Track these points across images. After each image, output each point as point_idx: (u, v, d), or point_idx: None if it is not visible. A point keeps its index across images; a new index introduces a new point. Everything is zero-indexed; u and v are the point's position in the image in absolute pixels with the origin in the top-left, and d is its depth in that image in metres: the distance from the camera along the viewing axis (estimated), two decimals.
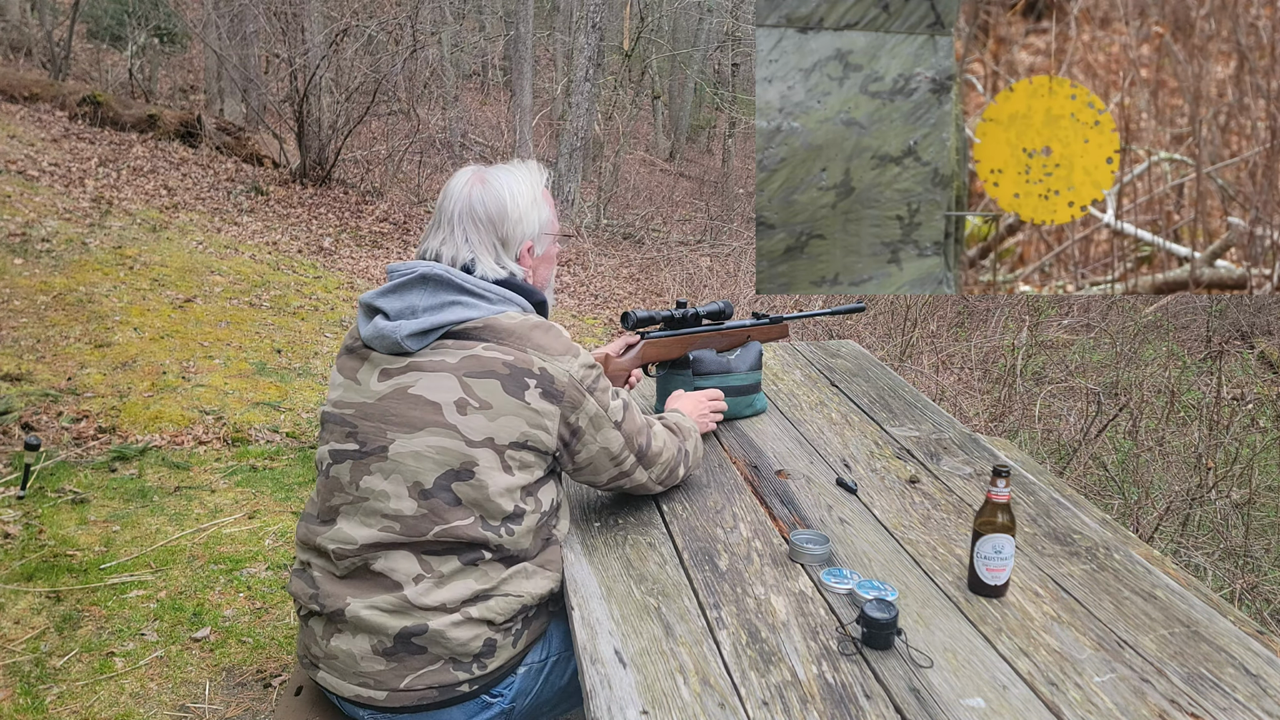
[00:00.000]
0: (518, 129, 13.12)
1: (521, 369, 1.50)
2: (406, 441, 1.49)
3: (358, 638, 1.49)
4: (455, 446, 1.48)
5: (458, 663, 1.49)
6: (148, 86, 12.10)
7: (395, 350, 1.53)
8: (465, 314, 1.52)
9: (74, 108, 9.53)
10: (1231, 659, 1.39)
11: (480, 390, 1.49)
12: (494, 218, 1.60)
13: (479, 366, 1.50)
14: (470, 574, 1.51)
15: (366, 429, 1.53)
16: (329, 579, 1.54)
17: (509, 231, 1.61)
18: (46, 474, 3.48)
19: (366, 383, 1.55)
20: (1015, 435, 5.00)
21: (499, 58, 20.06)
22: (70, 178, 7.70)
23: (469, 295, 1.54)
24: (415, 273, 1.53)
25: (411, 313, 1.52)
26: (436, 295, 1.53)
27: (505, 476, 1.50)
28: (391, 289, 1.55)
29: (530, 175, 1.67)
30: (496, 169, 1.65)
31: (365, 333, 1.56)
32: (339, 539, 1.52)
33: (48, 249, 5.97)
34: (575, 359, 1.56)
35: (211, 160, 9.47)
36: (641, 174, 16.19)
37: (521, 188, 1.64)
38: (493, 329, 1.53)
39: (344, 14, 9.75)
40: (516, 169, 1.66)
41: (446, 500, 1.48)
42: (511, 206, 1.61)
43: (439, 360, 1.51)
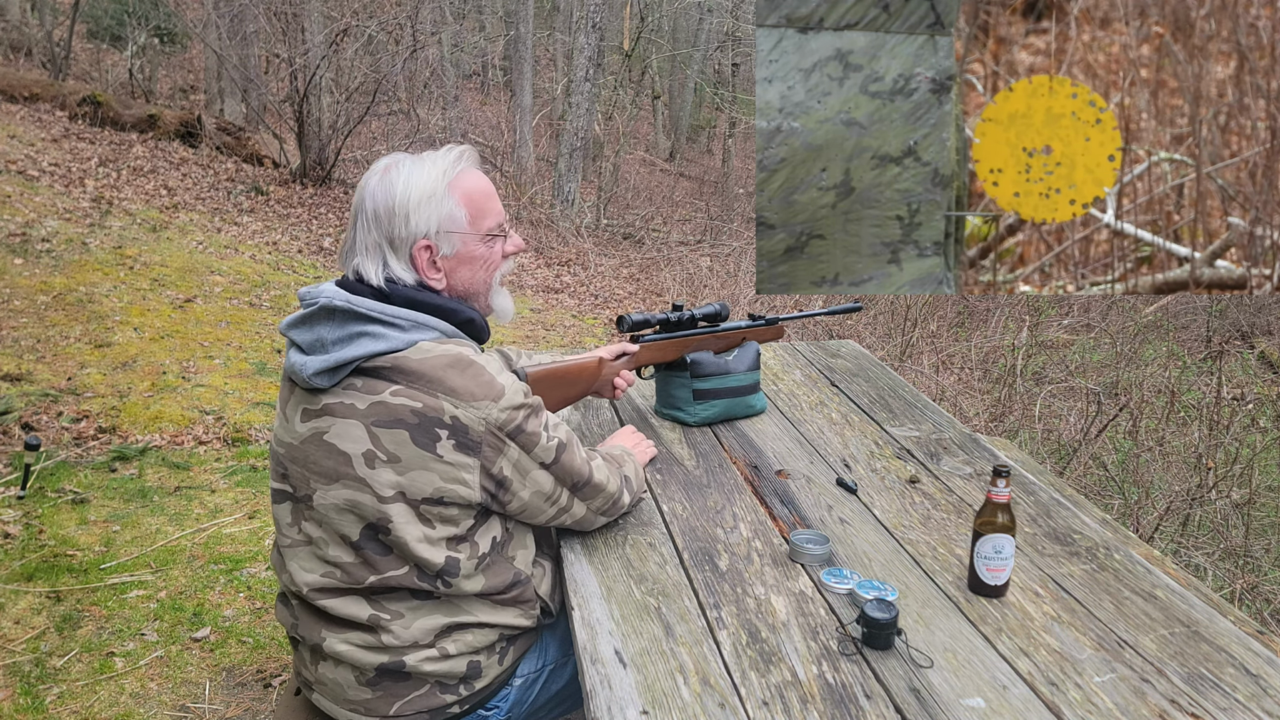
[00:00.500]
0: (518, 129, 13.12)
1: (432, 418, 1.36)
2: (325, 493, 1.42)
3: (339, 669, 1.48)
4: (368, 501, 1.39)
5: (445, 686, 1.48)
6: (148, 86, 12.10)
7: (309, 387, 1.42)
8: (374, 346, 1.37)
9: (74, 108, 9.53)
10: (1231, 659, 1.39)
11: (388, 442, 1.36)
12: (381, 214, 1.43)
13: (387, 415, 1.36)
14: (435, 608, 1.45)
15: (295, 473, 1.46)
16: (303, 610, 1.51)
17: (396, 230, 1.43)
18: (46, 474, 3.48)
19: (293, 421, 1.45)
20: (1015, 435, 4.99)
21: (499, 58, 20.07)
22: (70, 178, 7.70)
23: (377, 324, 1.39)
24: (317, 304, 1.40)
25: (321, 346, 1.40)
26: (343, 327, 1.39)
27: (424, 529, 1.41)
28: (300, 320, 1.43)
29: (439, 164, 1.46)
30: (413, 158, 1.48)
31: (286, 365, 1.46)
32: (289, 582, 1.50)
33: (48, 249, 5.97)
34: (495, 403, 1.38)
35: (211, 160, 9.47)
36: (641, 174, 16.19)
37: (419, 179, 1.43)
38: (402, 369, 1.37)
39: (344, 14, 9.75)
40: (429, 157, 1.47)
41: (376, 550, 1.42)
42: (401, 201, 1.42)
43: (349, 405, 1.39)
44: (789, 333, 6.93)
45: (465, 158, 1.49)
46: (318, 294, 1.42)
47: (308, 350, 1.41)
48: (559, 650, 1.62)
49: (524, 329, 6.51)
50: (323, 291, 1.42)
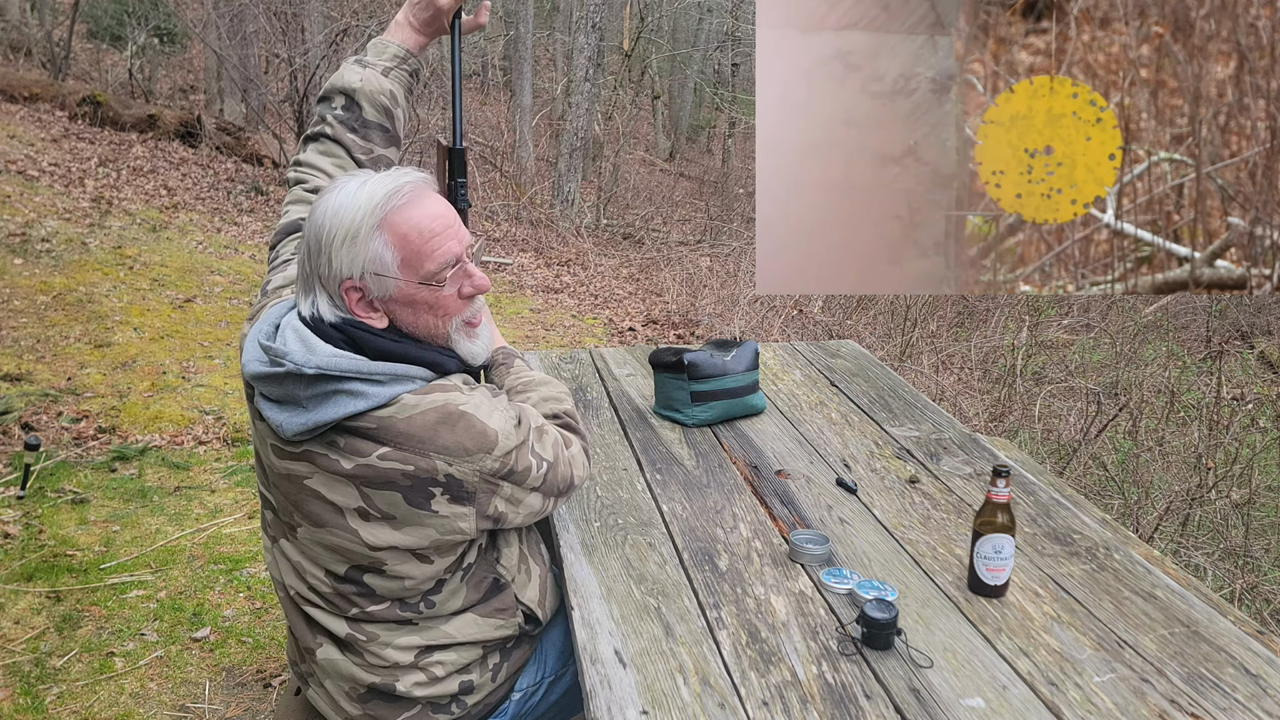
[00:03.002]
0: (518, 129, 13.12)
1: (425, 478, 1.29)
2: (312, 532, 1.36)
3: (328, 682, 1.48)
4: (360, 550, 1.35)
5: (437, 707, 1.47)
6: (148, 86, 12.10)
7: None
8: (354, 406, 1.26)
9: (74, 108, 9.53)
10: (1231, 659, 1.39)
11: (381, 502, 1.31)
12: (310, 243, 1.30)
13: (377, 476, 1.29)
14: (411, 630, 1.44)
15: (278, 499, 1.40)
16: (294, 609, 1.50)
17: (319, 266, 1.30)
18: (46, 474, 3.48)
19: (265, 450, 1.37)
20: (1015, 435, 5.00)
21: (499, 58, 20.07)
22: (70, 178, 7.70)
23: (355, 382, 1.27)
24: (284, 369, 1.27)
25: (295, 401, 1.28)
26: (315, 386, 1.27)
27: (421, 567, 1.38)
28: (268, 376, 1.29)
29: (374, 196, 1.29)
30: (356, 180, 1.32)
31: (252, 408, 1.37)
32: (276, 571, 1.48)
33: (48, 249, 5.97)
34: (489, 455, 1.32)
35: (211, 160, 9.47)
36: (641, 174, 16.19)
37: (346, 213, 1.29)
38: (389, 430, 1.28)
39: (344, 14, 9.75)
40: (369, 184, 1.31)
41: (358, 589, 1.39)
42: (327, 234, 1.29)
43: (334, 461, 1.29)
44: (788, 332, 6.93)
45: (406, 192, 1.31)
46: (282, 354, 1.27)
47: (279, 401, 1.30)
48: (558, 661, 1.61)
49: (524, 329, 6.51)
50: (288, 351, 1.27)
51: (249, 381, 1.35)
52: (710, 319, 7.10)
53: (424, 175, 1.36)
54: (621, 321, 7.15)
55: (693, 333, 6.79)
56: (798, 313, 7.38)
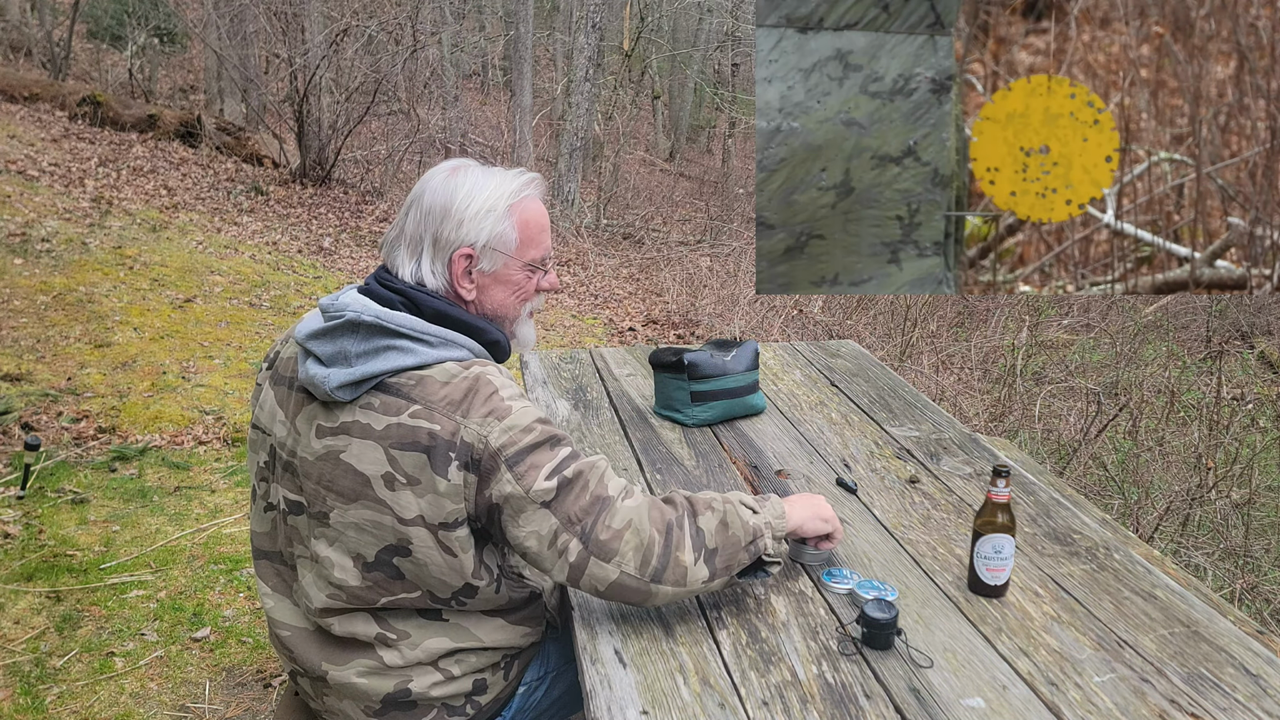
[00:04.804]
0: (518, 129, 13.12)
1: (446, 441, 1.31)
2: (344, 512, 1.37)
3: (344, 702, 1.47)
4: (389, 523, 1.35)
5: (451, 709, 1.47)
6: (148, 86, 12.10)
7: (329, 399, 1.37)
8: (400, 361, 1.34)
9: (74, 108, 9.54)
10: (1231, 659, 1.39)
11: (406, 464, 1.32)
12: (436, 211, 1.41)
13: (405, 437, 1.32)
14: (442, 630, 1.44)
15: (310, 488, 1.41)
16: (301, 639, 1.49)
17: (445, 231, 1.41)
18: (46, 474, 3.48)
19: (306, 436, 1.40)
20: (1015, 435, 5.00)
21: (499, 58, 20.07)
22: (70, 178, 7.70)
23: (405, 339, 1.35)
24: (343, 318, 1.35)
25: (344, 358, 1.35)
26: (369, 340, 1.34)
27: (446, 558, 1.37)
28: (323, 332, 1.38)
29: (508, 183, 1.46)
30: (483, 168, 1.47)
31: (302, 375, 1.40)
32: (302, 595, 1.47)
33: (48, 249, 5.97)
34: (499, 422, 1.32)
35: (211, 160, 9.47)
36: (641, 174, 16.19)
37: (484, 190, 1.43)
38: (424, 389, 1.34)
39: (344, 14, 9.75)
40: (498, 173, 1.47)
41: (389, 574, 1.38)
42: (460, 204, 1.41)
43: (366, 425, 1.34)
44: (788, 332, 6.93)
45: (534, 185, 1.48)
46: (343, 307, 1.36)
47: (328, 362, 1.35)
48: (560, 657, 1.61)
49: None
50: (348, 305, 1.36)
51: (303, 344, 1.39)
52: (710, 319, 7.10)
53: (539, 176, 1.51)
54: (621, 321, 7.15)
55: (693, 333, 6.79)
56: (798, 313, 7.38)
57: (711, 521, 1.40)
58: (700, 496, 1.44)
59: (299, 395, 1.43)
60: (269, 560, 1.53)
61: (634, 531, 1.34)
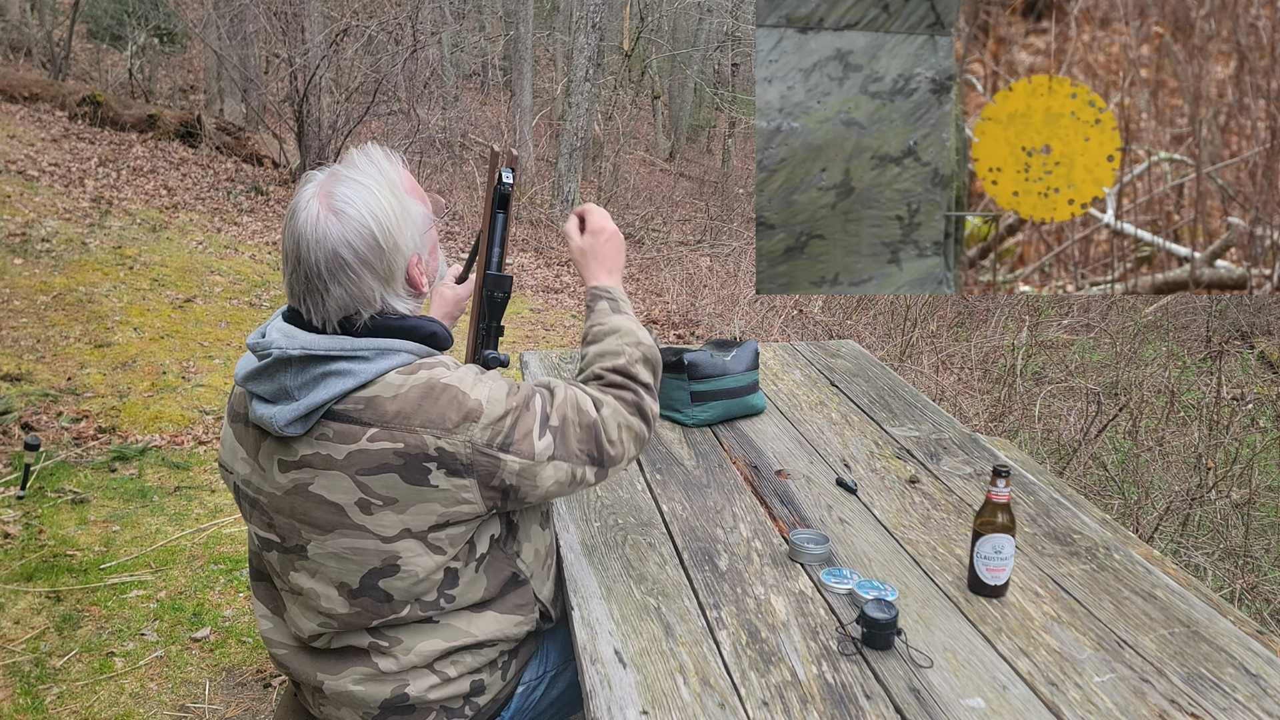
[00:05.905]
0: (518, 129, 13.12)
1: (416, 455, 1.29)
2: (321, 543, 1.35)
3: (343, 710, 1.47)
4: (371, 546, 1.33)
5: (450, 711, 1.47)
6: (148, 86, 12.10)
7: (281, 436, 1.33)
8: (343, 385, 1.29)
9: (74, 108, 9.53)
10: (1231, 659, 1.39)
11: (379, 487, 1.30)
12: (365, 257, 1.30)
13: (370, 462, 1.29)
14: (433, 630, 1.43)
15: (282, 523, 1.38)
16: (295, 656, 1.49)
17: (390, 262, 1.33)
18: (46, 474, 3.48)
19: (270, 471, 1.37)
20: (1015, 435, 5.00)
21: (499, 58, 20.06)
22: (70, 178, 7.70)
23: (339, 361, 1.29)
24: (271, 356, 1.30)
25: (286, 394, 1.30)
26: (304, 371, 1.29)
27: (433, 558, 1.36)
28: (257, 372, 1.33)
29: (382, 173, 1.35)
30: (341, 184, 1.33)
31: (252, 416, 1.36)
32: (292, 623, 1.47)
33: (48, 249, 5.97)
34: (475, 424, 1.30)
35: (211, 160, 9.47)
36: (641, 174, 16.19)
37: (381, 200, 1.32)
38: (375, 409, 1.29)
39: (344, 14, 9.75)
40: (362, 173, 1.35)
41: (377, 598, 1.37)
42: (383, 233, 1.31)
43: (327, 455, 1.31)
44: (788, 332, 6.93)
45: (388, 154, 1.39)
46: (269, 345, 1.31)
47: (272, 400, 1.32)
48: (559, 657, 1.61)
49: (524, 329, 6.52)
50: (274, 341, 1.31)
51: (243, 387, 1.35)
52: (710, 319, 7.10)
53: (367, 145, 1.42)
54: None
55: (693, 333, 6.79)
56: (798, 313, 7.38)
57: (628, 339, 1.52)
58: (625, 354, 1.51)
59: (255, 431, 1.40)
60: (264, 583, 1.53)
61: (624, 428, 1.45)
